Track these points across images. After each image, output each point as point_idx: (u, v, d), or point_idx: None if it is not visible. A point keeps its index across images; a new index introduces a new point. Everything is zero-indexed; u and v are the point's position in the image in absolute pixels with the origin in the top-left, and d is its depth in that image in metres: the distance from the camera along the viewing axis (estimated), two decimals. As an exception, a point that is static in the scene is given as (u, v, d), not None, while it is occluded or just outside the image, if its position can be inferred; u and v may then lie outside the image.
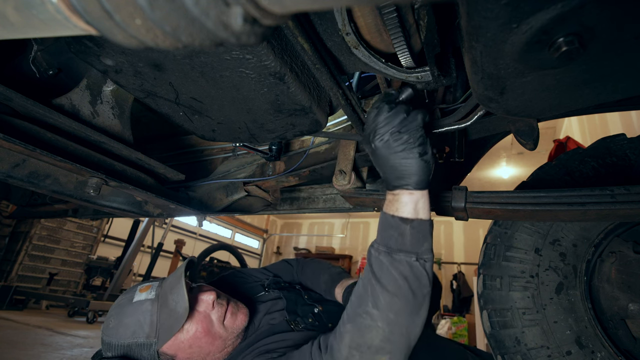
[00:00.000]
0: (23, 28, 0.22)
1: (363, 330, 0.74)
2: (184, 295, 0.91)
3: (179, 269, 1.01)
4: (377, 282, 0.74)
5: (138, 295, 0.97)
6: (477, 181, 7.79)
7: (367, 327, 0.73)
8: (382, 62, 0.76)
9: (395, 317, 0.72)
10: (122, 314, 0.94)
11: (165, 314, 0.92)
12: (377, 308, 0.73)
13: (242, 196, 1.53)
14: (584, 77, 0.56)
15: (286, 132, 0.96)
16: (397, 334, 0.73)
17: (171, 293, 0.94)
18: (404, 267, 0.73)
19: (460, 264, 8.43)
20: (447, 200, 0.94)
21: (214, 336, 0.96)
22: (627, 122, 3.46)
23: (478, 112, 0.86)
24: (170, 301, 0.93)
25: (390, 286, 0.73)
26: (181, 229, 9.39)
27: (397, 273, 0.73)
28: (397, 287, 0.72)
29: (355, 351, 0.74)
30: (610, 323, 1.09)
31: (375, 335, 0.73)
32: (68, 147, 0.97)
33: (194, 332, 0.94)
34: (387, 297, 0.72)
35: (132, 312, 0.93)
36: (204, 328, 0.95)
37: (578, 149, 1.16)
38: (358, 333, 0.74)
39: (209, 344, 0.96)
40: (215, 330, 0.96)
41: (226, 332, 0.98)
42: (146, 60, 0.74)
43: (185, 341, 0.93)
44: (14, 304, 5.34)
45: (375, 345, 0.73)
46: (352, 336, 0.74)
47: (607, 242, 1.12)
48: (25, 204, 1.80)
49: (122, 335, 0.91)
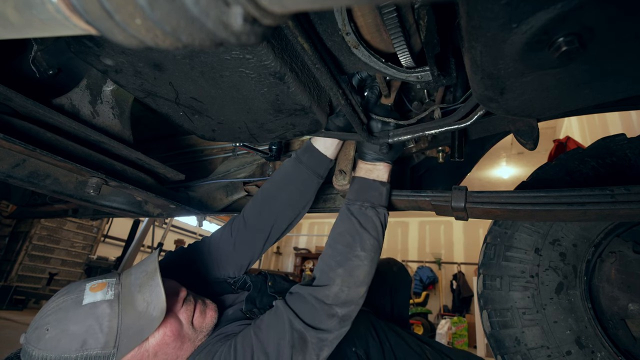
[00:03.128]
0: (23, 28, 0.22)
1: (353, 269, 0.89)
2: (161, 295, 0.77)
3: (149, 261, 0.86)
4: (364, 230, 0.92)
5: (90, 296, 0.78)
6: (477, 181, 7.78)
7: (356, 267, 0.90)
8: (382, 62, 0.77)
9: (374, 255, 0.93)
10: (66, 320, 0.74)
11: (130, 318, 0.76)
12: (364, 250, 0.91)
13: (242, 196, 1.53)
14: (584, 77, 0.56)
15: (286, 132, 0.96)
16: (373, 269, 0.93)
17: (140, 292, 0.79)
18: (382, 217, 0.96)
19: (460, 263, 8.43)
20: (447, 200, 0.94)
21: (183, 339, 0.85)
22: (627, 122, 3.46)
23: (478, 112, 0.86)
24: (138, 302, 0.78)
25: (373, 232, 0.93)
26: (181, 229, 9.39)
27: (378, 222, 0.95)
28: (377, 232, 0.94)
29: (345, 287, 0.88)
30: (610, 323, 1.09)
31: (362, 271, 0.90)
32: (68, 147, 0.97)
33: (161, 338, 0.81)
34: (372, 240, 0.92)
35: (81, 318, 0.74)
36: (172, 331, 0.82)
37: (578, 149, 1.16)
38: (348, 273, 0.89)
39: (177, 349, 0.84)
40: (185, 332, 0.85)
41: (195, 333, 0.88)
42: (146, 60, 0.74)
43: (150, 349, 0.79)
44: (14, 304, 5.34)
45: (361, 279, 0.90)
46: (344, 277, 0.88)
47: (607, 242, 1.12)
48: (25, 204, 1.80)
49: (65, 347, 0.71)
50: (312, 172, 1.10)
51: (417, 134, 0.94)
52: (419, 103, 1.03)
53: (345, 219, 0.95)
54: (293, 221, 1.17)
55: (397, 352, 1.11)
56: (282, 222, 1.15)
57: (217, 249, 1.15)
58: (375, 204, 0.96)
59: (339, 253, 0.91)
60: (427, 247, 9.40)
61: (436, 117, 0.95)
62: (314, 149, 1.10)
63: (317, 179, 1.12)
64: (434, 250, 9.24)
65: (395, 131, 0.97)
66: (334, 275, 0.89)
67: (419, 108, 1.02)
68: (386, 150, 0.99)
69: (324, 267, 0.92)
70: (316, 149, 1.09)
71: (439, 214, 1.02)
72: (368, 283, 0.92)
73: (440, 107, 0.96)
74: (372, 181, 0.99)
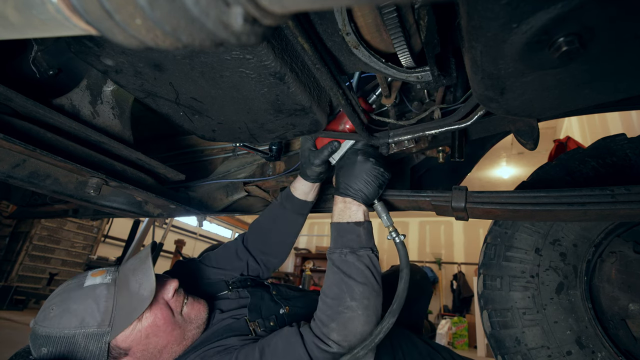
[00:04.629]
0: (23, 28, 0.22)
1: (346, 323, 0.84)
2: (151, 276, 0.84)
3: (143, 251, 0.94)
4: (350, 278, 0.87)
5: (90, 280, 0.86)
6: (477, 181, 7.78)
7: (349, 319, 0.84)
8: (382, 62, 0.76)
9: (368, 302, 0.86)
10: (69, 299, 0.81)
11: (124, 299, 0.82)
12: (354, 300, 0.85)
13: (242, 196, 1.53)
14: (584, 77, 0.56)
15: (286, 132, 0.96)
16: (372, 314, 0.86)
17: (133, 275, 0.86)
18: (366, 259, 0.90)
19: (461, 264, 8.43)
20: (447, 200, 0.94)
21: (173, 325, 0.89)
22: (627, 122, 3.46)
23: (478, 112, 0.86)
24: (132, 283, 0.85)
25: (360, 278, 0.87)
26: (181, 229, 9.38)
27: (362, 266, 0.89)
28: (365, 277, 0.88)
29: (344, 342, 0.83)
30: (610, 323, 1.08)
31: (357, 322, 0.84)
32: (68, 148, 0.97)
33: (152, 320, 0.86)
34: (360, 287, 0.86)
35: (82, 298, 0.81)
36: (163, 316, 0.88)
37: (578, 149, 1.16)
38: (343, 327, 0.84)
39: (167, 334, 0.88)
40: (175, 319, 0.90)
41: (185, 322, 0.92)
42: (146, 60, 0.74)
43: (142, 330, 0.85)
44: (14, 304, 5.33)
45: (359, 330, 0.84)
46: (339, 332, 0.83)
47: (607, 242, 1.12)
48: (25, 204, 1.80)
49: (66, 324, 0.78)
50: (296, 214, 1.22)
51: (417, 134, 0.94)
52: (419, 103, 1.03)
53: (330, 271, 0.92)
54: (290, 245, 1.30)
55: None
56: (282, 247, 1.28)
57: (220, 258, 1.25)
58: (354, 248, 0.90)
59: (328, 307, 0.87)
60: (427, 247, 9.40)
61: (436, 117, 0.95)
62: (293, 197, 1.19)
63: (302, 217, 1.25)
64: (434, 250, 9.24)
65: (396, 131, 0.97)
66: (328, 331, 0.84)
67: (419, 108, 1.02)
68: (386, 151, 0.99)
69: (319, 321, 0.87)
70: (295, 197, 1.19)
71: (439, 214, 1.02)
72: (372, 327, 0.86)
73: (441, 107, 0.96)
74: (345, 224, 0.93)
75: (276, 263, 1.29)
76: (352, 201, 0.94)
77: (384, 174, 0.95)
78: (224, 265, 1.22)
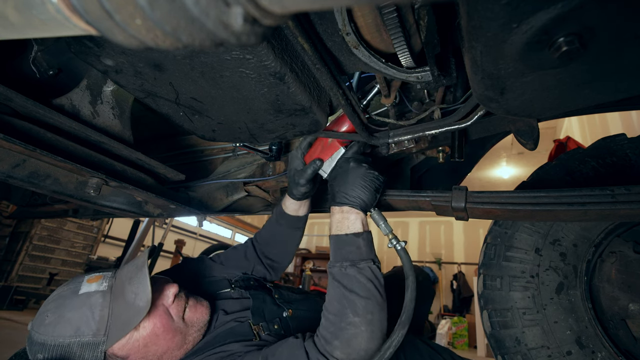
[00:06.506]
0: (23, 28, 0.22)
1: (350, 340, 0.80)
2: (147, 286, 0.81)
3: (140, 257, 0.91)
4: (351, 292, 0.83)
5: (86, 286, 0.84)
6: (477, 181, 7.78)
7: (353, 335, 0.80)
8: (382, 62, 0.76)
9: (372, 317, 0.82)
10: (64, 307, 0.80)
11: (120, 308, 0.81)
12: (357, 315, 0.81)
13: (243, 196, 1.53)
14: (584, 77, 0.56)
15: (286, 132, 0.96)
16: (377, 330, 0.82)
17: (130, 284, 0.84)
18: (367, 272, 0.85)
19: (461, 264, 8.43)
20: (447, 200, 0.94)
21: (174, 332, 0.88)
22: (627, 122, 3.46)
23: (478, 112, 0.86)
24: (128, 293, 0.83)
25: (362, 292, 0.83)
26: (181, 229, 9.38)
27: (364, 279, 0.84)
28: (367, 291, 0.83)
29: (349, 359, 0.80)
30: (610, 323, 1.08)
31: (361, 339, 0.80)
32: (68, 147, 0.97)
33: (151, 329, 0.84)
34: (362, 301, 0.82)
35: (76, 306, 0.80)
36: (162, 324, 0.86)
37: (578, 149, 1.16)
38: (346, 344, 0.80)
39: (167, 341, 0.87)
40: (176, 325, 0.88)
41: (186, 327, 0.90)
42: (146, 60, 0.74)
43: (140, 339, 0.83)
44: (14, 304, 5.34)
45: (363, 347, 0.80)
46: (342, 350, 0.80)
47: (607, 242, 1.12)
48: (25, 204, 1.80)
49: (61, 332, 0.77)
50: (292, 228, 1.25)
51: (417, 134, 0.94)
52: (419, 103, 1.03)
53: (331, 285, 0.88)
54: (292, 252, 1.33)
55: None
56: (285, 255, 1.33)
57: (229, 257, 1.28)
58: (355, 260, 0.86)
59: (331, 323, 0.83)
60: (427, 247, 9.40)
61: (436, 117, 0.95)
62: (287, 215, 1.22)
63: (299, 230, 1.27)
64: (434, 250, 9.24)
65: (396, 131, 0.97)
66: (332, 349, 0.80)
67: (419, 108, 1.02)
68: (386, 151, 0.99)
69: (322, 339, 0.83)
70: (288, 214, 1.21)
71: (439, 214, 1.02)
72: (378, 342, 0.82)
73: (440, 107, 0.96)
74: (344, 236, 0.89)
75: (282, 268, 1.33)
76: (350, 209, 0.91)
77: (379, 177, 0.93)
78: (231, 264, 1.25)
